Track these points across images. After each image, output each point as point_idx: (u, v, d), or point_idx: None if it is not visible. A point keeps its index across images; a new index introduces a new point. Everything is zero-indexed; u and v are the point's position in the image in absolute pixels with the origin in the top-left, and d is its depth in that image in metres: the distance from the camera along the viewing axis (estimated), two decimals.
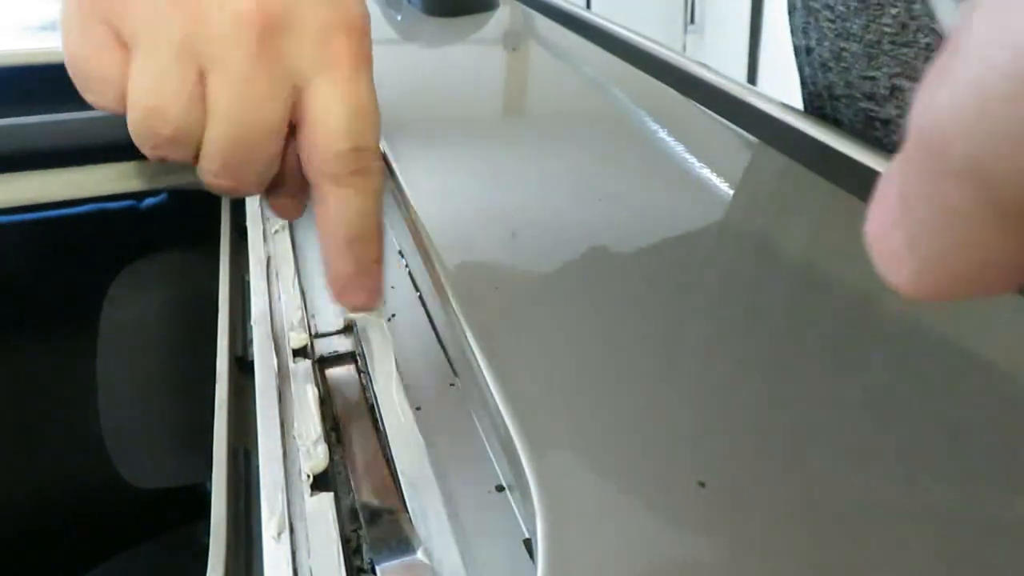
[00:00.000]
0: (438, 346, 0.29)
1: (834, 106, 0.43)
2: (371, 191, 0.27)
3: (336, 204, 0.27)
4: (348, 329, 0.31)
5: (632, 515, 0.19)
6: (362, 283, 0.28)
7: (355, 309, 0.29)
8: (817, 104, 0.45)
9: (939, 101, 0.09)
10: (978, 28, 0.08)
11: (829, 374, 0.24)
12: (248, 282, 0.35)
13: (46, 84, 0.45)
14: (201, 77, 0.24)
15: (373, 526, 0.22)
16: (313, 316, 0.32)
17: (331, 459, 0.25)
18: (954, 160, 0.09)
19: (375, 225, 0.28)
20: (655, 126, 0.41)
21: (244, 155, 0.25)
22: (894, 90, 0.38)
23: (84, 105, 0.25)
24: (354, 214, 0.28)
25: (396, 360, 0.28)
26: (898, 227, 0.10)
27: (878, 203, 0.10)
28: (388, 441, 0.25)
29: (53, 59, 0.45)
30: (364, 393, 0.28)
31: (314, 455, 0.24)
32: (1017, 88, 0.08)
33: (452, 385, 0.27)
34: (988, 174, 0.08)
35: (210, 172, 0.25)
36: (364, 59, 0.26)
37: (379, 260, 0.29)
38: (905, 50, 0.37)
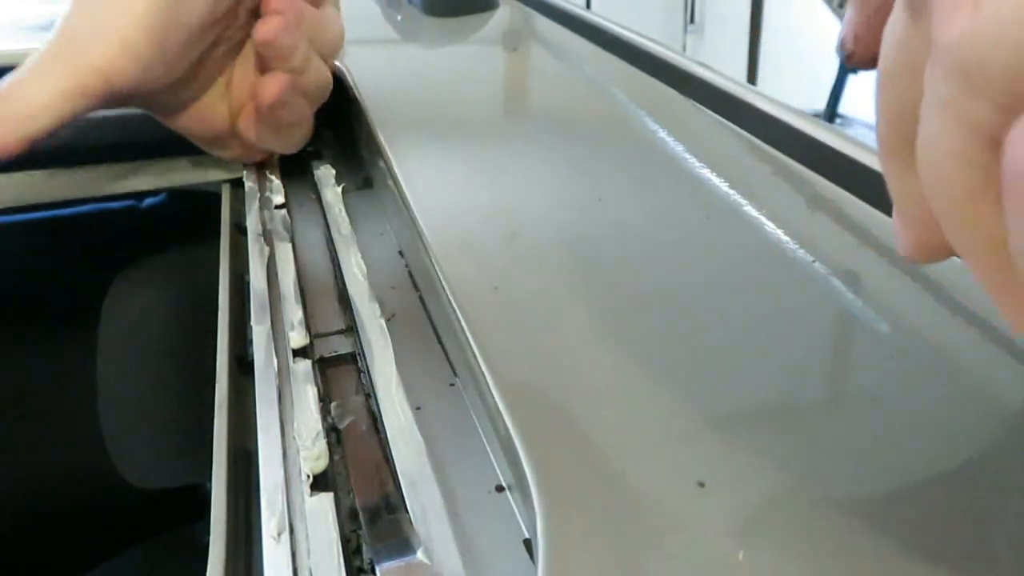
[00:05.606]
0: (438, 346, 0.29)
1: None
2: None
3: None
4: (348, 329, 0.31)
5: (632, 515, 0.19)
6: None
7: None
8: None
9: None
10: None
11: (831, 373, 0.24)
12: (248, 282, 0.35)
13: None
14: None
15: (373, 526, 0.22)
16: (313, 316, 0.32)
17: (331, 459, 0.25)
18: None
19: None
20: (655, 126, 0.41)
21: None
22: None
23: None
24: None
25: (396, 360, 0.28)
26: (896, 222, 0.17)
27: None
28: (388, 441, 0.25)
29: None
30: (364, 393, 0.28)
31: (314, 455, 0.24)
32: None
33: (452, 385, 0.27)
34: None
35: None
36: None
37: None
38: None
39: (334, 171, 0.43)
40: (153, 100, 0.38)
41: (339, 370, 0.29)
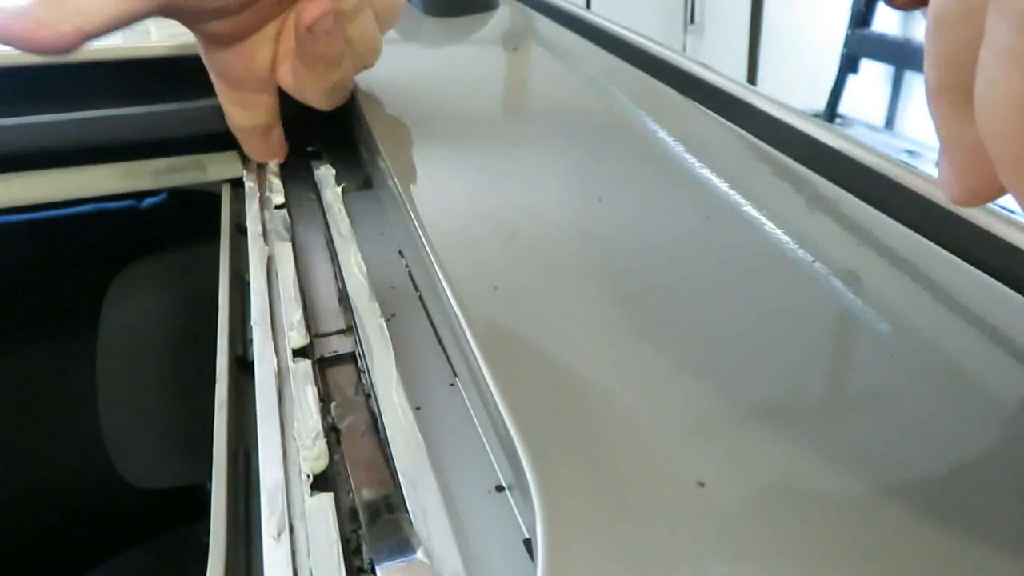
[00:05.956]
0: (438, 346, 0.29)
1: None
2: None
3: None
4: (348, 329, 0.31)
5: (632, 515, 0.19)
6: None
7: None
8: None
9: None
10: None
11: (830, 373, 0.24)
12: (248, 282, 0.35)
13: (46, 84, 0.45)
14: None
15: (373, 526, 0.22)
16: (313, 316, 0.32)
17: (331, 459, 0.25)
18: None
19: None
20: (655, 126, 0.41)
21: None
22: None
23: (84, 105, 0.25)
24: None
25: (396, 360, 0.28)
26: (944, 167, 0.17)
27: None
28: (388, 441, 0.25)
29: (53, 59, 0.45)
30: (364, 393, 0.28)
31: (314, 455, 0.24)
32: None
33: (452, 385, 0.27)
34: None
35: None
36: None
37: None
38: None
39: (334, 171, 0.43)
40: (204, 22, 0.39)
41: (339, 370, 0.29)
